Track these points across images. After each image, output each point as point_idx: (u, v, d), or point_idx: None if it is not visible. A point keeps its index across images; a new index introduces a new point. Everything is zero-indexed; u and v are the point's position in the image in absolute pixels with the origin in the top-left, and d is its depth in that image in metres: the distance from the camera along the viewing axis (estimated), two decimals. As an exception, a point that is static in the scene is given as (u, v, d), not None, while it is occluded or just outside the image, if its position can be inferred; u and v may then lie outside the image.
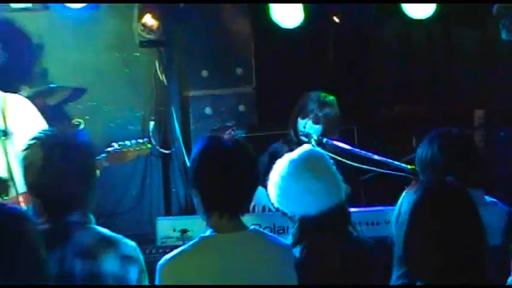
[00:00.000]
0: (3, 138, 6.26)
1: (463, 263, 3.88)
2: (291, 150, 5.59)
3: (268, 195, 5.10)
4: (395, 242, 4.07)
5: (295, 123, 7.37)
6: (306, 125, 7.24)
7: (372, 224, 6.54)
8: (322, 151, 5.70)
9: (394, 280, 4.55)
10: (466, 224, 3.94)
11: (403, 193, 4.02)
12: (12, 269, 3.28)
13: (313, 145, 6.91)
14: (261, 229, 5.19)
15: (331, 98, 7.37)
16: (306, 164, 5.14)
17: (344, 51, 9.39)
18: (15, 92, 6.99)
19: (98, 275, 4.47)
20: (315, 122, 7.20)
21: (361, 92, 9.42)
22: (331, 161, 5.22)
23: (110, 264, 4.47)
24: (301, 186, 5.03)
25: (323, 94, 7.40)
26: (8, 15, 8.24)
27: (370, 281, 4.80)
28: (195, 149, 4.68)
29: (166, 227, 7.00)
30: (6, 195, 6.25)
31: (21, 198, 5.68)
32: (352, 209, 5.61)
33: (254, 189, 4.73)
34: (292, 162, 5.10)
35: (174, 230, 6.91)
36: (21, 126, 6.39)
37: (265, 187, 5.10)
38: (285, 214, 5.25)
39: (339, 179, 5.12)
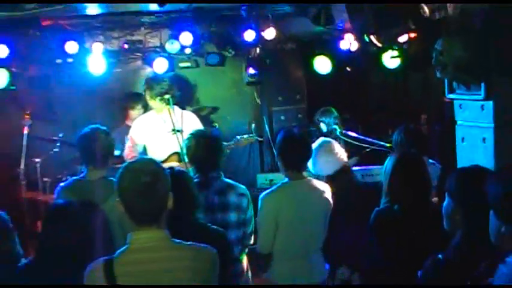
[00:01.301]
0: (178, 133, 7.94)
1: (420, 193, 5.27)
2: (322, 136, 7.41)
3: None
4: (383, 184, 5.50)
5: (318, 124, 9.65)
6: (329, 123, 9.49)
7: (371, 175, 8.07)
8: (331, 140, 7.22)
9: (382, 203, 5.48)
10: (419, 172, 5.35)
11: (387, 159, 5.59)
12: (180, 200, 3.79)
13: (336, 135, 9.07)
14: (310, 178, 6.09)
15: (333, 109, 9.64)
16: (322, 148, 6.81)
17: (351, 86, 11.26)
18: (184, 109, 9.04)
19: (227, 205, 5.77)
20: (336, 123, 9.38)
21: (362, 106, 11.28)
22: (337, 144, 6.88)
23: (232, 198, 5.78)
24: (321, 159, 6.71)
25: (326, 108, 9.71)
26: (177, 71, 10.53)
27: (368, 204, 5.70)
28: (279, 137, 6.00)
29: (261, 178, 9.55)
30: (180, 162, 7.95)
31: (186, 165, 6.56)
32: (358, 167, 7.88)
33: (310, 156, 6.16)
34: (316, 148, 6.63)
35: (266, 180, 9.37)
36: (187, 126, 8.03)
37: None
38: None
39: (341, 153, 6.79)
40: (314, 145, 6.62)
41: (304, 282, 5.79)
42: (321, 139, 7.15)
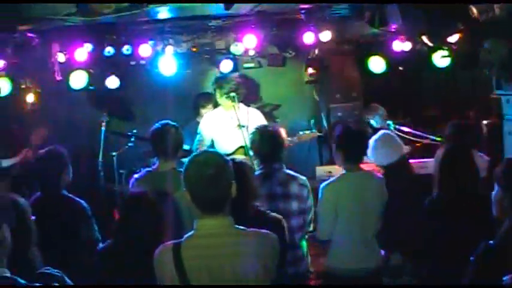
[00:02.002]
0: (243, 128, 8.02)
1: (468, 183, 5.30)
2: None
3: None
4: (434, 175, 5.52)
5: (368, 121, 9.62)
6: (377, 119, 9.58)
7: (424, 167, 8.05)
8: (391, 132, 7.39)
9: (434, 194, 5.47)
10: (467, 164, 5.36)
11: (438, 150, 5.67)
12: (241, 189, 3.77)
13: (390, 129, 8.84)
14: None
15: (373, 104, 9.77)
16: (382, 139, 6.86)
17: (404, 84, 11.06)
18: (249, 106, 9.06)
19: (288, 195, 5.74)
20: (383, 118, 9.50)
21: (413, 103, 11.04)
22: (402, 134, 7.33)
23: (293, 188, 5.78)
24: (381, 150, 6.76)
25: (371, 106, 9.85)
26: (242, 71, 10.56)
27: (418, 194, 5.87)
28: (337, 131, 6.02)
29: (320, 170, 9.14)
30: (245, 155, 7.78)
31: (251, 158, 6.64)
32: (412, 160, 7.71)
33: (366, 149, 6.27)
34: (376, 139, 6.81)
35: (324, 171, 8.92)
36: (252, 122, 8.03)
37: None
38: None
39: (399, 145, 6.83)
40: (375, 136, 6.74)
41: (361, 266, 5.78)
42: (382, 131, 7.20)
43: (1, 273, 2.94)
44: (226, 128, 8.60)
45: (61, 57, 9.28)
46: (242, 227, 3.64)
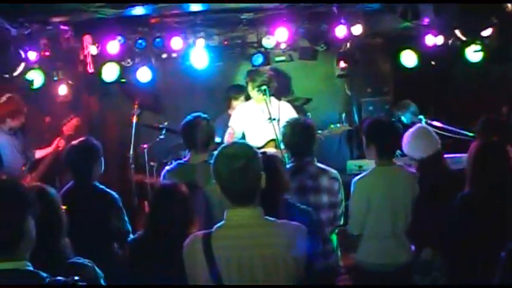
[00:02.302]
0: (274, 122, 8.03)
1: (501, 179, 5.25)
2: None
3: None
4: (466, 171, 5.54)
5: (399, 117, 9.51)
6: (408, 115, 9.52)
7: (458, 163, 7.69)
8: (426, 126, 7.32)
9: (466, 191, 5.49)
10: (500, 160, 5.35)
11: (471, 146, 5.59)
12: (271, 181, 3.75)
13: (423, 123, 8.76)
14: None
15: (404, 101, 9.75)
16: (418, 132, 6.63)
17: (436, 79, 10.90)
18: (280, 100, 9.08)
19: (319, 188, 5.73)
20: (415, 114, 9.45)
21: (445, 98, 10.89)
22: (434, 129, 6.92)
23: (324, 181, 5.78)
24: (416, 143, 6.52)
25: (401, 102, 9.84)
26: (273, 65, 10.43)
27: (451, 189, 5.72)
28: (368, 124, 5.97)
29: (352, 165, 9.21)
30: (276, 148, 7.82)
31: (282, 151, 6.83)
32: (446, 155, 7.18)
33: (399, 144, 6.23)
34: (412, 132, 6.59)
35: (355, 165, 9.02)
36: (283, 115, 8.10)
37: None
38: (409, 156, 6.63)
39: (435, 139, 6.57)
40: (411, 129, 6.63)
41: (391, 261, 5.75)
42: (418, 124, 7.18)
43: (23, 266, 2.92)
44: (257, 121, 8.58)
45: (93, 50, 9.32)
46: (272, 218, 3.63)
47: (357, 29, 9.43)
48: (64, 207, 3.90)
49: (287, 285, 3.57)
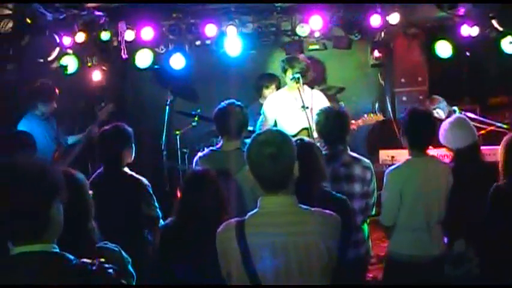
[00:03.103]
0: (307, 110, 7.87)
1: None
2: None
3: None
4: (500, 162, 5.60)
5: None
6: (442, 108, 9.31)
7: (492, 154, 7.50)
8: (464, 116, 7.08)
9: (500, 181, 5.56)
10: None
11: (506, 137, 5.68)
12: (308, 169, 3.93)
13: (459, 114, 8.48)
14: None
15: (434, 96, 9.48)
16: (456, 122, 6.51)
17: (470, 70, 10.91)
18: (313, 88, 8.87)
19: (352, 176, 5.75)
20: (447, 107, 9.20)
21: (480, 89, 10.79)
22: (469, 121, 6.58)
23: (356, 170, 5.78)
24: (454, 132, 6.38)
25: (432, 97, 9.55)
26: (306, 53, 10.32)
27: (487, 180, 5.71)
28: (404, 115, 5.86)
29: (384, 154, 9.03)
30: (308, 137, 7.37)
31: (315, 140, 6.22)
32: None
33: (434, 135, 6.04)
34: (451, 121, 6.50)
35: (388, 156, 8.91)
36: (316, 104, 8.00)
37: None
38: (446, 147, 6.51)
39: (473, 130, 6.48)
40: (449, 119, 6.58)
41: (424, 253, 5.68)
42: (456, 114, 7.32)
43: (50, 248, 2.89)
44: (290, 110, 8.44)
45: (128, 36, 9.40)
46: (306, 206, 3.60)
47: (394, 18, 9.39)
48: (91, 192, 3.88)
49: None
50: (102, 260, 3.00)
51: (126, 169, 6.00)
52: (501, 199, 5.36)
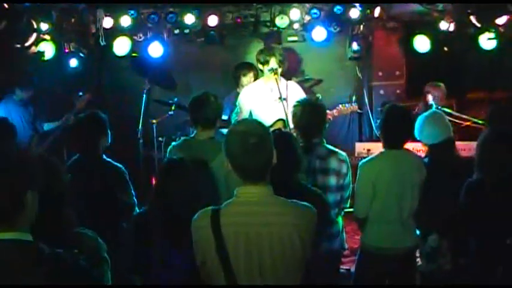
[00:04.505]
0: (283, 101, 7.84)
1: (506, 168, 5.25)
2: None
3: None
4: (475, 158, 5.57)
5: (425, 98, 9.23)
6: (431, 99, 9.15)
7: (464, 150, 7.70)
8: (440, 111, 7.07)
9: (474, 177, 5.51)
10: (509, 147, 5.32)
11: (481, 134, 5.66)
12: (285, 160, 3.84)
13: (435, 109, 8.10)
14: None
15: (440, 83, 9.33)
16: (431, 117, 6.49)
17: (448, 66, 10.66)
18: (290, 80, 8.83)
19: (327, 169, 5.69)
20: (433, 98, 9.08)
21: (457, 85, 10.34)
22: (445, 116, 6.61)
23: (332, 163, 5.73)
24: (429, 128, 6.35)
25: (437, 83, 9.38)
26: (285, 44, 10.50)
27: (461, 175, 5.70)
28: (384, 112, 5.90)
29: (359, 147, 9.07)
30: (284, 128, 7.61)
31: (290, 131, 6.32)
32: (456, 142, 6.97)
33: (411, 132, 6.11)
34: (426, 116, 6.49)
35: (364, 149, 8.92)
36: (291, 96, 7.93)
37: None
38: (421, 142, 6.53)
39: (448, 125, 6.45)
40: (424, 114, 6.58)
41: (396, 245, 5.73)
42: (432, 110, 7.20)
43: (23, 237, 2.88)
44: (266, 101, 8.44)
45: (106, 23, 9.42)
46: (282, 198, 3.61)
47: (377, 11, 9.54)
48: (69, 175, 3.90)
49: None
50: (76, 251, 3.04)
51: (104, 156, 6.01)
52: (474, 194, 5.39)
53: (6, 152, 2.97)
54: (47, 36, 9.09)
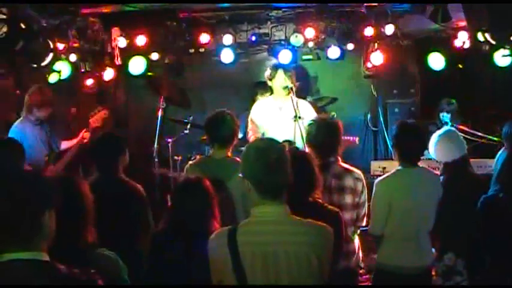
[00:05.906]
0: (298, 120, 7.79)
1: None
2: (438, 129, 7.16)
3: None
4: (494, 174, 5.97)
5: (438, 115, 9.44)
6: (445, 116, 9.33)
7: (482, 167, 7.90)
8: (454, 129, 7.16)
9: (491, 191, 5.70)
10: None
11: (499, 151, 6.30)
12: (302, 179, 4.01)
13: (450, 127, 8.69)
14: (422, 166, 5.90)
15: (454, 100, 9.47)
16: (446, 135, 6.53)
17: (463, 83, 10.81)
18: (305, 98, 9.09)
19: (343, 188, 5.66)
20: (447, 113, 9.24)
21: (472, 102, 10.60)
22: (460, 133, 6.70)
23: (348, 181, 5.69)
24: (444, 146, 6.44)
25: (451, 99, 9.54)
26: (300, 63, 10.69)
27: (476, 193, 5.78)
28: (395, 127, 5.93)
29: (375, 165, 9.11)
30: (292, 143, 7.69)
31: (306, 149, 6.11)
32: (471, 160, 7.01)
33: (425, 148, 6.21)
34: (440, 134, 6.53)
35: (379, 167, 8.96)
36: (305, 114, 7.90)
37: None
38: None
39: (462, 143, 6.48)
40: (439, 132, 6.59)
41: (412, 264, 5.65)
42: (445, 127, 7.28)
43: (39, 256, 2.88)
44: (274, 119, 8.47)
45: (121, 43, 9.47)
46: (298, 217, 3.62)
47: (389, 29, 9.48)
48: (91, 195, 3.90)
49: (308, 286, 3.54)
50: (93, 271, 3.01)
51: (122, 175, 5.98)
52: (490, 213, 5.43)
53: (21, 173, 3.00)
54: (63, 56, 9.16)
